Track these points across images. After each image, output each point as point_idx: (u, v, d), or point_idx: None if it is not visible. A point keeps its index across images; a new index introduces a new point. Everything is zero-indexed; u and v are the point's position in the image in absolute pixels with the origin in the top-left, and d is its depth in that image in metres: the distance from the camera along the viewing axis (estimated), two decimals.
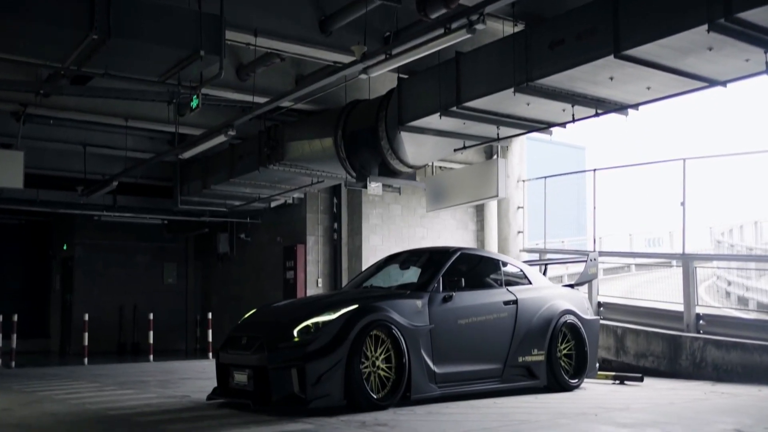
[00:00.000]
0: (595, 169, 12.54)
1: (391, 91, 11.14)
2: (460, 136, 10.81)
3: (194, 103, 8.82)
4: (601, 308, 11.92)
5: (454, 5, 8.15)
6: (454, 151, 11.16)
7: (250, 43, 9.89)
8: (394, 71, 10.53)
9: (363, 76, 8.48)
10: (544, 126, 10.46)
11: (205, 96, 10.93)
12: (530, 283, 8.67)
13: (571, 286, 9.48)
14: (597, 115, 9.39)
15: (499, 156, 13.10)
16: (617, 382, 9.26)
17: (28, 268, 21.23)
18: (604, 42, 7.85)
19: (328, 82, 9.99)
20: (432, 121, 10.23)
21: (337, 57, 10.38)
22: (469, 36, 7.58)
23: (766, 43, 7.36)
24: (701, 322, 10.37)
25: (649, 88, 8.92)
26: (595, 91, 9.07)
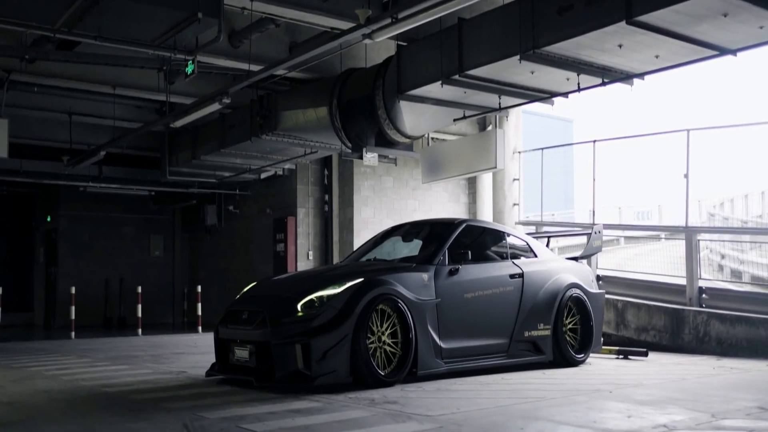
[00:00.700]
0: (594, 141, 12.35)
1: (388, 59, 10.83)
2: (460, 106, 10.54)
3: (189, 69, 8.49)
4: (600, 281, 11.76)
5: None
6: (454, 121, 10.90)
7: (245, 8, 9.54)
8: (393, 38, 10.24)
9: (367, 41, 8.17)
10: (547, 96, 10.21)
11: (197, 63, 10.57)
12: (535, 256, 8.47)
13: (575, 258, 9.30)
14: (603, 84, 9.14)
15: (497, 126, 12.84)
16: (621, 356, 9.12)
17: (11, 240, 20.79)
18: (616, 7, 7.58)
19: (327, 49, 9.67)
20: (432, 89, 9.95)
21: (335, 23, 10.06)
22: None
23: None
24: (704, 295, 10.24)
25: (658, 57, 8.69)
26: (602, 60, 8.83)
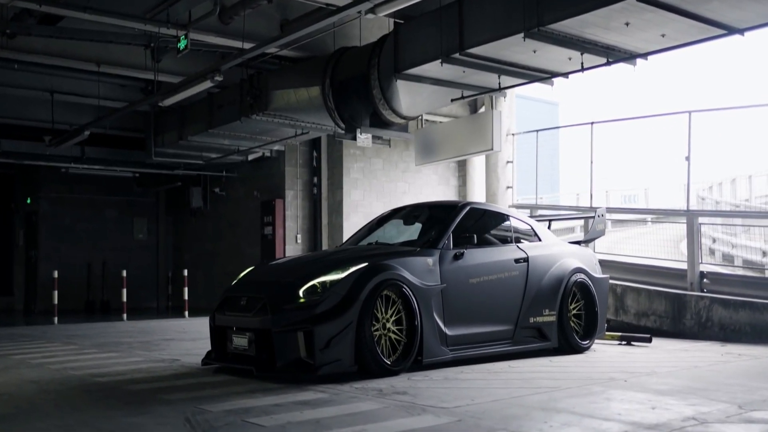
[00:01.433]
0: (592, 122, 12.11)
1: (384, 37, 10.52)
2: (458, 86, 10.27)
3: (182, 44, 8.15)
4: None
5: None
6: (452, 101, 10.62)
7: None
8: (390, 16, 9.93)
9: (370, 16, 7.88)
10: (547, 76, 9.96)
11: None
12: (539, 240, 8.24)
13: (578, 242, 9.08)
14: (608, 64, 8.90)
15: (493, 108, 12.57)
16: (624, 343, 8.93)
17: None
18: None
19: (322, 26, 9.35)
20: (430, 68, 9.67)
21: None
22: None
23: None
24: (705, 280, 10.08)
25: (664, 36, 8.46)
26: (607, 38, 8.59)
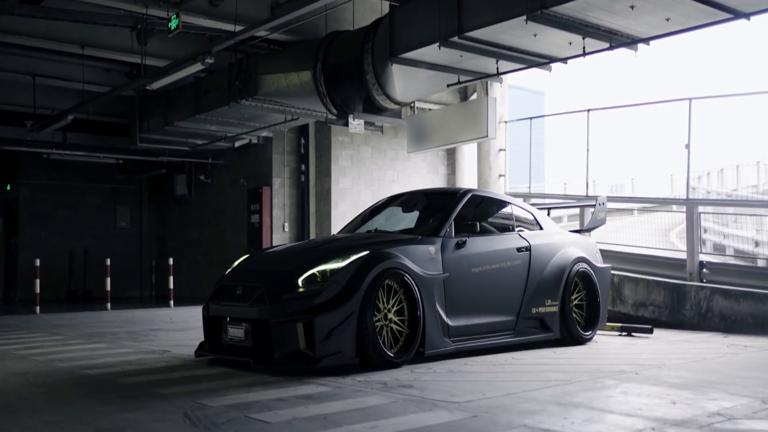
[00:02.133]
0: (588, 110, 11.95)
1: (378, 20, 10.26)
2: (454, 71, 10.03)
3: (173, 24, 7.83)
4: None
5: None
6: (447, 86, 10.37)
7: None
8: None
9: None
10: (546, 61, 9.76)
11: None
12: (541, 228, 8.04)
13: (579, 231, 8.90)
14: (611, 48, 8.70)
15: (487, 95, 12.33)
16: (625, 333, 8.76)
17: None
18: None
19: (314, 8, 9.08)
20: (427, 52, 9.43)
21: None
22: None
23: None
24: (704, 270, 9.94)
25: (669, 20, 8.28)
26: (611, 22, 8.40)
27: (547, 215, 8.94)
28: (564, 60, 9.68)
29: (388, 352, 6.06)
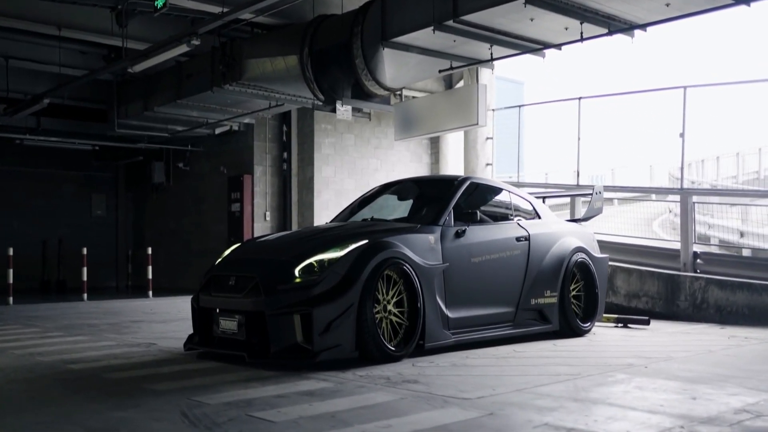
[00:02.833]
0: (580, 98, 11.76)
1: (367, 4, 9.97)
2: (447, 57, 9.79)
3: (160, 2, 7.47)
4: None
5: None
6: (440, 72, 10.13)
7: None
8: None
9: None
10: (540, 47, 9.56)
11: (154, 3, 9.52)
12: (539, 218, 7.83)
13: (576, 220, 8.71)
14: (609, 34, 8.52)
15: (478, 82, 12.08)
16: (621, 325, 8.60)
17: None
18: None
19: None
20: (420, 36, 9.19)
21: None
22: None
23: None
24: (698, 261, 9.81)
25: (668, 5, 8.11)
26: (611, 7, 8.23)
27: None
28: (558, 46, 9.49)
29: (388, 346, 5.82)
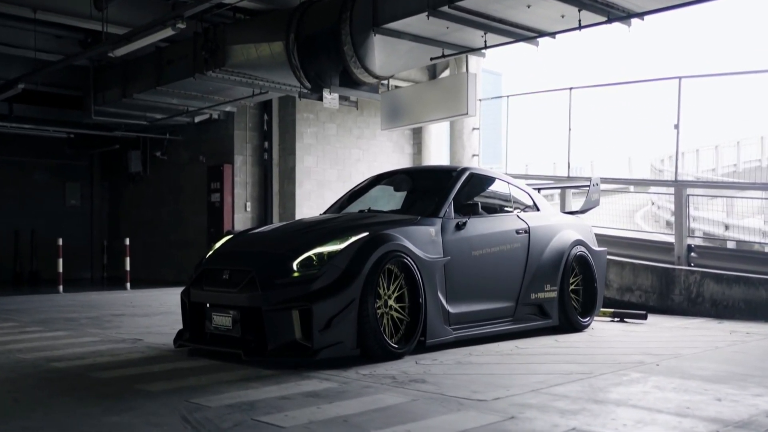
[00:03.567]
0: (571, 88, 11.60)
1: None
2: (439, 44, 9.55)
3: None
4: None
5: None
6: (431, 60, 9.88)
7: None
8: None
9: None
10: (535, 35, 9.35)
11: None
12: (538, 210, 7.63)
13: (573, 212, 8.53)
14: (608, 22, 8.34)
15: (468, 71, 11.84)
16: (617, 320, 8.44)
17: None
18: None
19: None
20: (413, 23, 8.92)
21: None
22: None
23: None
24: (692, 254, 9.69)
25: None
26: None
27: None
28: (552, 35, 9.30)
29: (390, 343, 5.59)
